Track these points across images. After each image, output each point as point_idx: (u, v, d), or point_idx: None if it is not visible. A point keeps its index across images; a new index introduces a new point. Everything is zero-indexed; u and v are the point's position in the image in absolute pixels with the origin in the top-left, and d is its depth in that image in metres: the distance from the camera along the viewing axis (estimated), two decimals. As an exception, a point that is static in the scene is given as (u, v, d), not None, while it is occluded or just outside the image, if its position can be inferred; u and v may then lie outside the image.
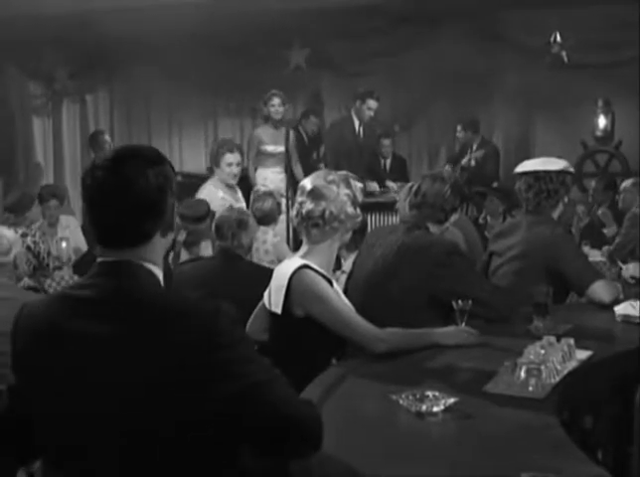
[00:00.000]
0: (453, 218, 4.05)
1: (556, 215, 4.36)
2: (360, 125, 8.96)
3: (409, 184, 4.50)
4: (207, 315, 1.97)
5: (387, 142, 9.76)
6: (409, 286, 3.76)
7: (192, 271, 4.69)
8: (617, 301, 4.02)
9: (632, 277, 4.43)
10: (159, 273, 2.09)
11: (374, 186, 9.00)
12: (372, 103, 8.79)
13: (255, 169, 8.38)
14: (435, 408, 2.54)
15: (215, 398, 1.93)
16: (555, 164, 4.39)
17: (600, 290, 4.06)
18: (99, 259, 2.07)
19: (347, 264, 4.92)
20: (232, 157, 7.13)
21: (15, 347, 2.08)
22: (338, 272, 4.90)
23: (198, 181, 7.67)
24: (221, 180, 7.15)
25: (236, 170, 7.15)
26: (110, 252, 2.05)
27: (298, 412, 2.03)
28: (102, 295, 2.00)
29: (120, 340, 1.95)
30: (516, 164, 4.63)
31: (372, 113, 8.85)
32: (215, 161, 7.36)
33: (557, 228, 4.29)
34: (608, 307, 3.98)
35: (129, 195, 2.00)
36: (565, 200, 4.38)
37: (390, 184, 9.19)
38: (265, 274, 3.54)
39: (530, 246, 4.23)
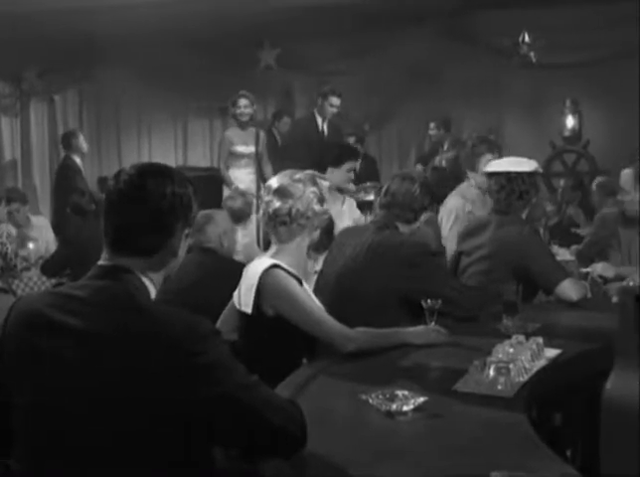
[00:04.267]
0: (423, 217, 4.07)
1: (524, 215, 4.40)
2: (324, 123, 8.95)
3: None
4: (185, 324, 2.00)
5: (351, 140, 9.71)
6: (379, 286, 3.76)
7: None
8: (585, 300, 4.06)
9: (600, 276, 4.46)
10: (152, 289, 2.16)
11: (351, 185, 8.98)
12: (334, 100, 8.78)
13: (227, 169, 8.36)
14: (405, 408, 2.53)
15: (192, 404, 1.95)
16: (525, 165, 4.42)
17: (568, 289, 4.09)
18: (100, 262, 2.15)
19: (317, 264, 4.92)
20: None
21: (3, 333, 2.12)
22: (308, 272, 4.90)
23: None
24: None
25: None
26: (115, 258, 2.13)
27: (278, 415, 2.06)
28: (91, 295, 2.06)
29: (100, 339, 1.98)
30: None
31: (335, 110, 8.84)
32: None
33: (525, 227, 4.32)
34: (576, 305, 4.02)
35: (143, 207, 2.10)
36: (534, 200, 4.41)
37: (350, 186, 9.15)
38: (238, 268, 3.53)
39: (498, 246, 4.26)
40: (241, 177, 8.24)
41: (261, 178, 8.03)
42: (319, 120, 8.95)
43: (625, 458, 1.28)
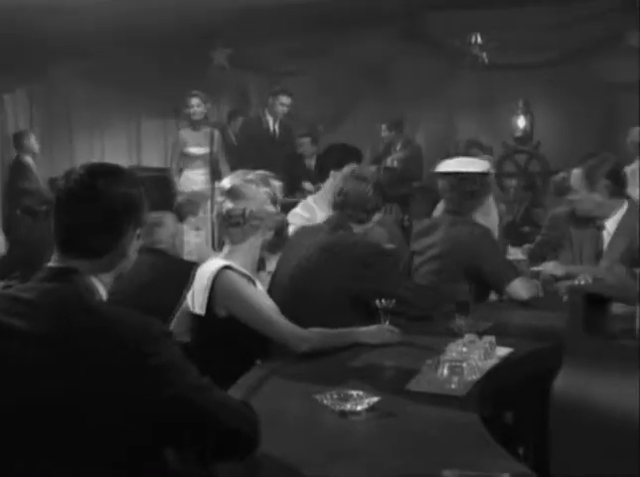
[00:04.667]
0: (376, 217, 4.08)
1: (475, 214, 4.43)
2: (275, 123, 8.94)
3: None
4: (137, 325, 1.99)
5: (305, 141, 9.71)
6: (333, 286, 3.77)
7: None
8: (536, 299, 4.10)
9: (551, 276, 4.50)
10: (102, 290, 2.13)
11: (308, 185, 9.00)
12: (285, 100, 8.79)
13: (181, 170, 8.33)
14: (358, 408, 2.54)
15: (144, 405, 1.93)
16: (476, 165, 4.45)
17: (519, 288, 4.13)
18: (49, 264, 2.12)
19: (271, 265, 4.91)
20: None
21: None
22: (262, 273, 4.89)
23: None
24: None
25: None
26: (64, 259, 2.10)
27: (231, 416, 2.05)
28: (39, 297, 2.03)
29: (48, 342, 1.96)
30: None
31: (285, 109, 8.84)
32: None
33: (476, 227, 4.35)
34: (527, 304, 4.06)
35: (93, 207, 2.08)
36: (485, 201, 4.45)
37: (307, 185, 9.18)
38: (190, 269, 3.52)
39: (450, 246, 4.29)
40: (195, 178, 8.21)
41: (218, 179, 8.00)
42: (270, 120, 8.95)
43: (574, 456, 1.30)
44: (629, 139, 8.26)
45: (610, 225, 4.55)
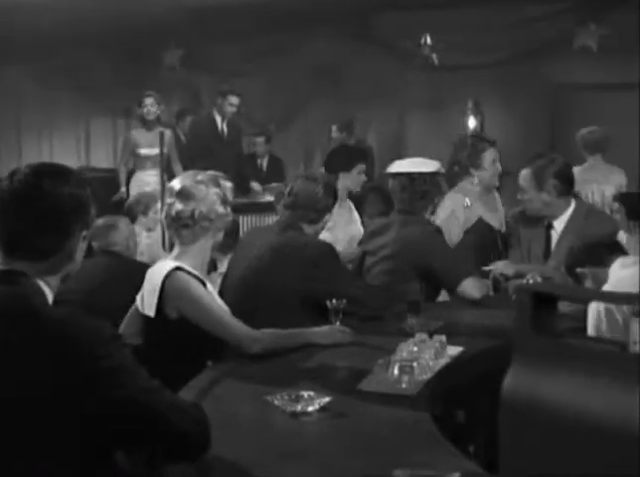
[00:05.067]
0: (327, 217, 4.08)
1: (427, 214, 4.46)
2: (223, 122, 8.92)
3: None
4: (87, 328, 1.97)
5: (259, 141, 9.70)
6: (284, 286, 3.76)
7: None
8: (487, 298, 4.14)
9: (502, 275, 4.54)
10: (49, 293, 2.09)
11: (256, 186, 9.00)
12: (233, 100, 8.76)
13: (133, 172, 8.27)
14: (310, 408, 2.54)
15: (95, 408, 1.92)
16: (427, 165, 4.47)
17: (470, 287, 4.16)
18: None
19: (223, 266, 4.89)
20: None
21: None
22: (214, 274, 4.87)
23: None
24: None
25: None
26: (9, 261, 2.07)
27: (182, 418, 2.04)
28: None
29: None
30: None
31: (234, 110, 8.82)
32: None
33: (427, 227, 4.37)
34: (478, 303, 4.09)
35: (39, 208, 2.04)
36: (436, 200, 4.48)
37: (255, 186, 9.18)
38: (144, 270, 3.49)
39: (401, 246, 4.30)
40: (147, 179, 8.15)
41: (170, 179, 7.95)
42: (218, 120, 8.92)
43: (523, 455, 1.30)
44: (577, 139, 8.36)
45: (558, 224, 4.61)
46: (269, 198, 7.97)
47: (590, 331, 3.07)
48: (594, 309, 3.11)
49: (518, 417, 1.31)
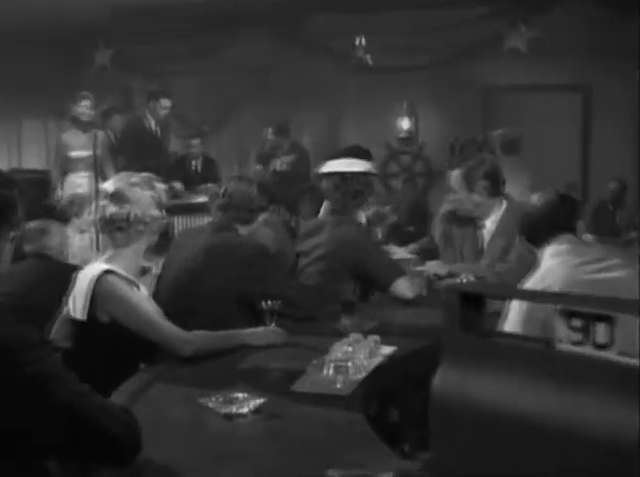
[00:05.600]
0: (261, 218, 4.08)
1: (360, 214, 4.47)
2: (156, 125, 8.86)
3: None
4: (14, 333, 1.93)
5: (195, 142, 9.65)
6: (218, 288, 3.75)
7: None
8: (420, 297, 4.17)
9: (435, 274, 4.58)
10: None
11: (179, 186, 8.94)
12: (164, 102, 8.72)
13: (65, 174, 8.16)
14: (244, 410, 2.53)
15: (24, 414, 1.88)
16: (360, 165, 4.49)
17: (403, 287, 4.19)
18: None
19: (156, 267, 4.85)
20: None
21: None
22: (148, 275, 4.83)
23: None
24: None
25: None
26: None
27: (112, 422, 2.01)
28: None
29: None
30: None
31: (166, 111, 8.78)
32: None
33: (360, 227, 4.39)
34: (411, 303, 4.12)
35: None
36: (369, 200, 4.50)
37: (177, 185, 9.13)
38: (74, 273, 3.45)
39: (334, 246, 4.31)
40: (79, 181, 8.05)
41: (103, 180, 7.86)
42: (151, 121, 8.86)
43: (453, 453, 1.32)
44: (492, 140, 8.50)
45: (490, 224, 4.66)
46: (203, 199, 7.93)
47: (510, 327, 3.11)
48: (515, 305, 3.17)
49: (447, 416, 1.32)
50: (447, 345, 1.35)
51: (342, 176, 4.42)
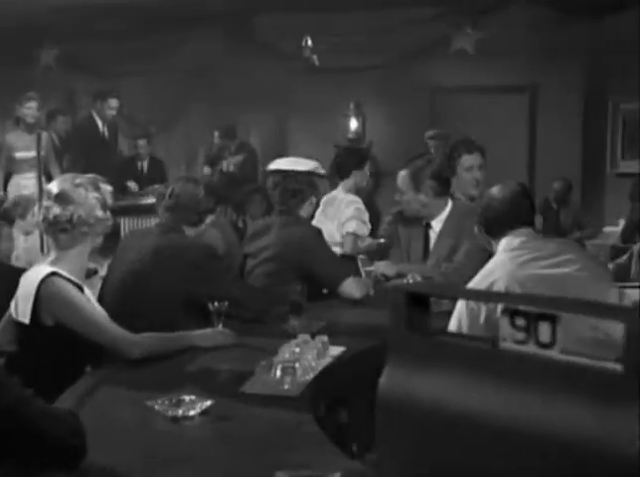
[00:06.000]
0: (209, 219, 4.06)
1: (304, 214, 4.45)
2: (104, 125, 8.79)
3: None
4: None
5: (142, 143, 9.59)
6: (165, 289, 3.72)
7: None
8: (368, 297, 4.19)
9: (383, 275, 4.60)
10: None
11: (133, 186, 8.88)
12: (113, 102, 8.65)
13: (10, 175, 8.06)
14: (191, 412, 2.52)
15: None
16: (304, 165, 4.49)
17: (350, 287, 4.19)
18: None
19: (103, 269, 4.81)
20: None
21: None
22: (95, 277, 4.78)
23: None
24: None
25: None
26: None
27: (57, 427, 2.00)
28: None
29: None
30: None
31: (113, 112, 8.71)
32: None
33: (307, 228, 4.39)
34: (360, 303, 4.14)
35: None
36: (313, 200, 4.49)
37: (132, 185, 9.08)
38: (18, 275, 3.40)
39: (282, 247, 4.31)
40: (24, 182, 7.94)
41: (48, 182, 7.77)
42: (99, 122, 8.78)
43: (399, 453, 1.32)
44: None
45: (436, 224, 4.69)
46: (151, 200, 7.87)
47: (454, 324, 3.13)
48: (459, 304, 3.20)
49: (393, 416, 1.33)
50: (393, 345, 1.35)
51: (283, 174, 4.43)
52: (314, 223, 4.86)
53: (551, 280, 3.14)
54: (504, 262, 3.23)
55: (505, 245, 3.31)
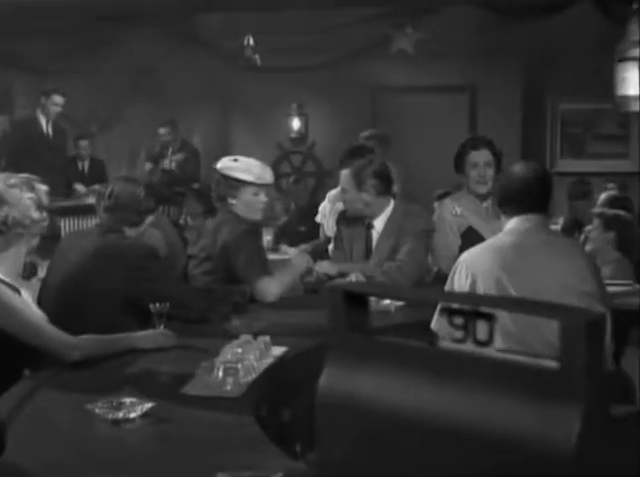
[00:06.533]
0: (149, 219, 4.02)
1: (239, 212, 4.39)
2: (48, 124, 8.66)
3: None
4: None
5: (84, 144, 9.50)
6: (105, 291, 3.68)
7: None
8: (312, 298, 4.20)
9: (325, 274, 4.60)
10: None
11: (80, 188, 8.78)
12: (57, 99, 8.53)
13: None
14: (132, 415, 2.49)
15: None
16: (238, 170, 4.42)
17: (264, 287, 4.17)
18: None
19: (42, 271, 4.74)
20: None
21: None
22: (34, 279, 4.71)
23: None
24: None
25: None
26: None
27: None
28: None
29: None
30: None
31: (58, 109, 8.59)
32: None
33: (237, 227, 4.31)
34: (303, 303, 4.14)
35: None
36: (262, 198, 4.44)
37: (79, 187, 8.99)
38: None
39: (216, 248, 4.27)
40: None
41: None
42: (42, 121, 8.65)
43: (338, 453, 1.32)
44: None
45: (378, 223, 4.70)
46: (91, 200, 7.79)
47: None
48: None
49: (333, 415, 1.33)
50: (332, 344, 1.35)
51: (220, 173, 4.41)
52: None
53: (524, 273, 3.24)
54: (501, 246, 3.35)
55: (509, 229, 3.41)
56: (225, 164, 4.45)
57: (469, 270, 3.30)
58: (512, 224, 3.40)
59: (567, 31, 8.12)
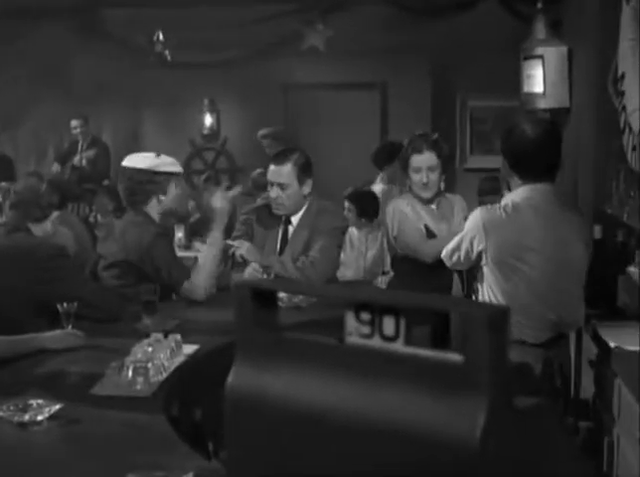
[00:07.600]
0: (55, 215, 3.94)
1: (154, 212, 4.33)
2: None
3: None
4: None
5: None
6: (13, 291, 3.60)
7: None
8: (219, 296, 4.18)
9: (241, 256, 4.55)
10: None
11: (5, 185, 8.56)
12: None
13: None
14: (39, 417, 2.45)
15: None
16: (144, 161, 4.34)
17: (192, 286, 4.16)
18: None
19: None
20: None
21: None
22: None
23: None
24: None
25: None
26: None
27: None
28: None
29: None
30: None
31: None
32: None
33: (151, 227, 4.26)
34: (214, 301, 4.12)
35: None
36: (161, 198, 4.35)
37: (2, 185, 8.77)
38: None
39: (129, 247, 4.20)
40: None
41: None
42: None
43: (247, 452, 1.31)
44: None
45: (295, 219, 4.69)
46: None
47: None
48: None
49: (242, 413, 1.32)
50: (241, 342, 1.35)
51: (130, 170, 4.33)
52: None
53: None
54: (521, 218, 3.57)
55: (522, 198, 3.60)
56: (152, 162, 4.32)
57: (487, 229, 3.60)
58: (525, 192, 3.61)
59: (475, 29, 8.24)
